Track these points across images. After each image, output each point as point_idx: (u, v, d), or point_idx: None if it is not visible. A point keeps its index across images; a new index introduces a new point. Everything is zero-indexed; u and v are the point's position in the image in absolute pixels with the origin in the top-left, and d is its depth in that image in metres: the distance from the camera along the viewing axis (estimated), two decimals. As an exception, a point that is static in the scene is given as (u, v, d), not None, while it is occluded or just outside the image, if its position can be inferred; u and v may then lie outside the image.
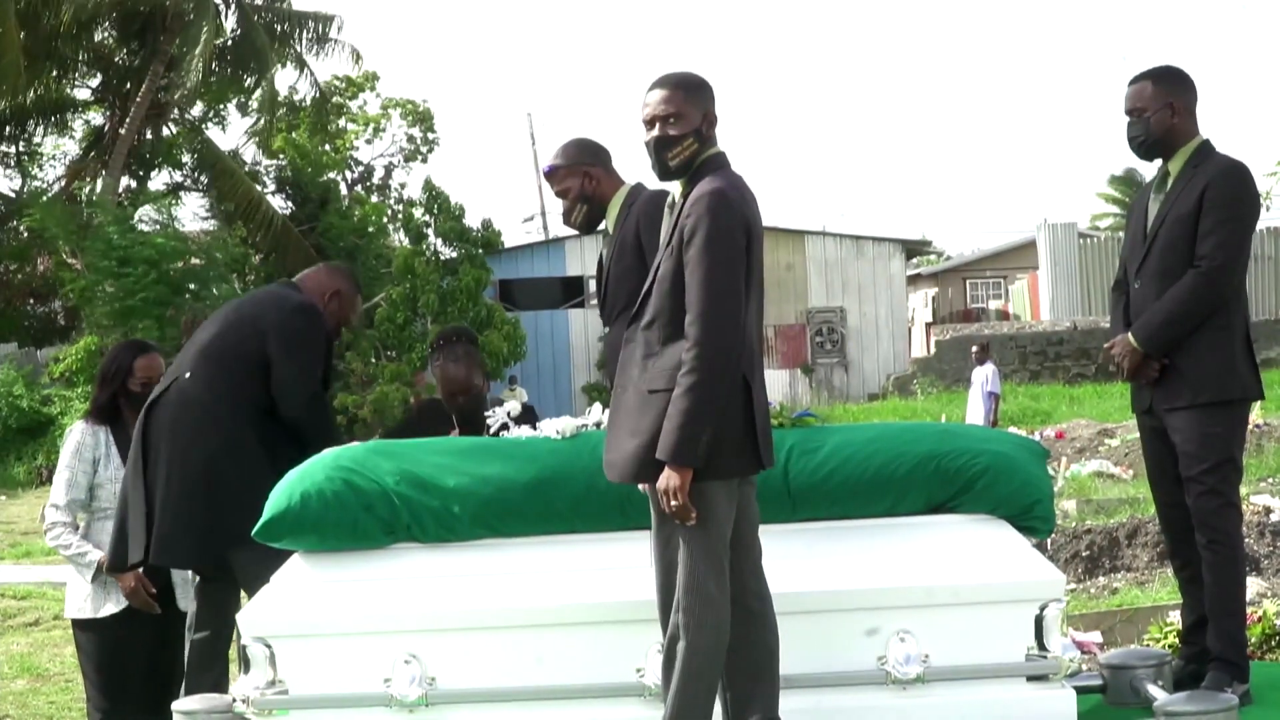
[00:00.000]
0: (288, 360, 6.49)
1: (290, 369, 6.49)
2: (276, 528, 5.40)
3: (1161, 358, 6.40)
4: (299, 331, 6.59)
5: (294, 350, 6.53)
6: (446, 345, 7.20)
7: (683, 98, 5.06)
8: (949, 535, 5.44)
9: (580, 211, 6.37)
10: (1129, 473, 18.05)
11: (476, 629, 5.21)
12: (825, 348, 41.58)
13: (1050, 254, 42.81)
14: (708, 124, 5.09)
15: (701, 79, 5.18)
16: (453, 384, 7.08)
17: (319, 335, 6.69)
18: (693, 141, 5.05)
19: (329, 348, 6.83)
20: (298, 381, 6.50)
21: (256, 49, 36.00)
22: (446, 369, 7.10)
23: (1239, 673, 6.25)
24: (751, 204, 5.01)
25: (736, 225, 4.87)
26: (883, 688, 5.14)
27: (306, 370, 6.57)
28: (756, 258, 4.97)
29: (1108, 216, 65.19)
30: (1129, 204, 7.15)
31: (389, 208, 43.27)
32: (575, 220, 6.42)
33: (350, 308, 7.07)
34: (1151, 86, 6.51)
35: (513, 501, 5.42)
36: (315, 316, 6.72)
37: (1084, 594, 11.37)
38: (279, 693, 5.17)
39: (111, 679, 6.95)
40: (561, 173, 6.33)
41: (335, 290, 6.95)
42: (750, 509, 5.05)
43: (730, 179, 5.00)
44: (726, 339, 4.80)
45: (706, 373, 4.74)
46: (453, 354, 7.11)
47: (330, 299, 6.91)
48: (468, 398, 7.04)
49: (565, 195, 6.35)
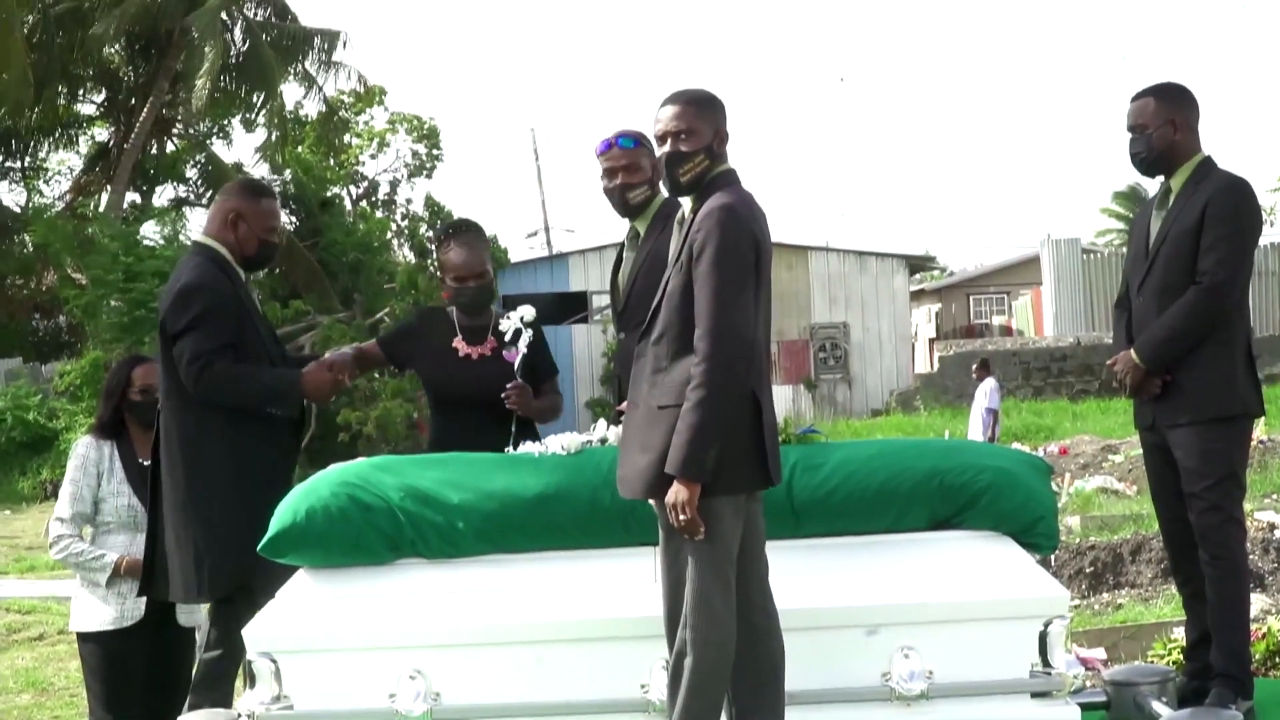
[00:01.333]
0: (176, 351, 6.25)
1: (178, 357, 6.23)
2: (281, 543, 5.40)
3: (1164, 374, 6.42)
4: (174, 320, 6.26)
5: (178, 344, 6.24)
6: (456, 233, 6.95)
7: (694, 114, 5.08)
8: (953, 551, 5.44)
9: (643, 194, 6.31)
10: (1132, 489, 18.05)
11: (481, 644, 5.19)
12: (828, 363, 41.58)
13: (1054, 270, 42.82)
14: (719, 141, 5.11)
15: (713, 96, 5.20)
16: (462, 269, 6.82)
17: (201, 315, 6.21)
18: (703, 158, 5.07)
19: (234, 302, 6.37)
20: (183, 363, 6.19)
21: (263, 66, 36.05)
22: (457, 254, 6.84)
23: (1243, 689, 6.26)
24: (760, 220, 5.02)
25: (745, 241, 4.88)
26: (887, 704, 5.12)
27: (193, 346, 6.18)
28: (765, 274, 4.99)
29: (1111, 232, 65.19)
30: (1132, 220, 7.14)
31: (394, 223, 43.28)
32: (635, 199, 6.31)
33: (259, 221, 6.53)
34: (1154, 103, 6.53)
35: (517, 517, 5.42)
36: (193, 295, 6.23)
37: (1088, 610, 11.37)
38: (284, 708, 5.15)
39: (112, 691, 6.96)
40: (641, 151, 6.25)
41: (233, 212, 6.50)
42: (757, 524, 5.05)
43: (740, 195, 5.01)
44: (735, 354, 4.80)
45: (715, 388, 4.75)
46: (463, 240, 6.87)
47: (232, 226, 6.48)
48: (480, 282, 6.85)
49: (631, 172, 6.27)
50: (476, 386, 6.67)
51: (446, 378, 6.81)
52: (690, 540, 4.79)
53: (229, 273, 6.44)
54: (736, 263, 4.86)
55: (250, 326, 6.43)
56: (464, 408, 6.71)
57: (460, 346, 6.83)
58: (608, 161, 6.30)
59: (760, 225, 5.01)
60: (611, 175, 6.31)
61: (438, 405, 6.93)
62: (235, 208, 6.50)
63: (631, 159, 6.27)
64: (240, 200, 6.55)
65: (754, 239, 4.92)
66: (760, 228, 5.00)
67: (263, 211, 6.57)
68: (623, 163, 6.27)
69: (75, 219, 36.22)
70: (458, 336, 6.86)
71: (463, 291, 6.85)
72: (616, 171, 6.29)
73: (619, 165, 6.28)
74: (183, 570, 6.22)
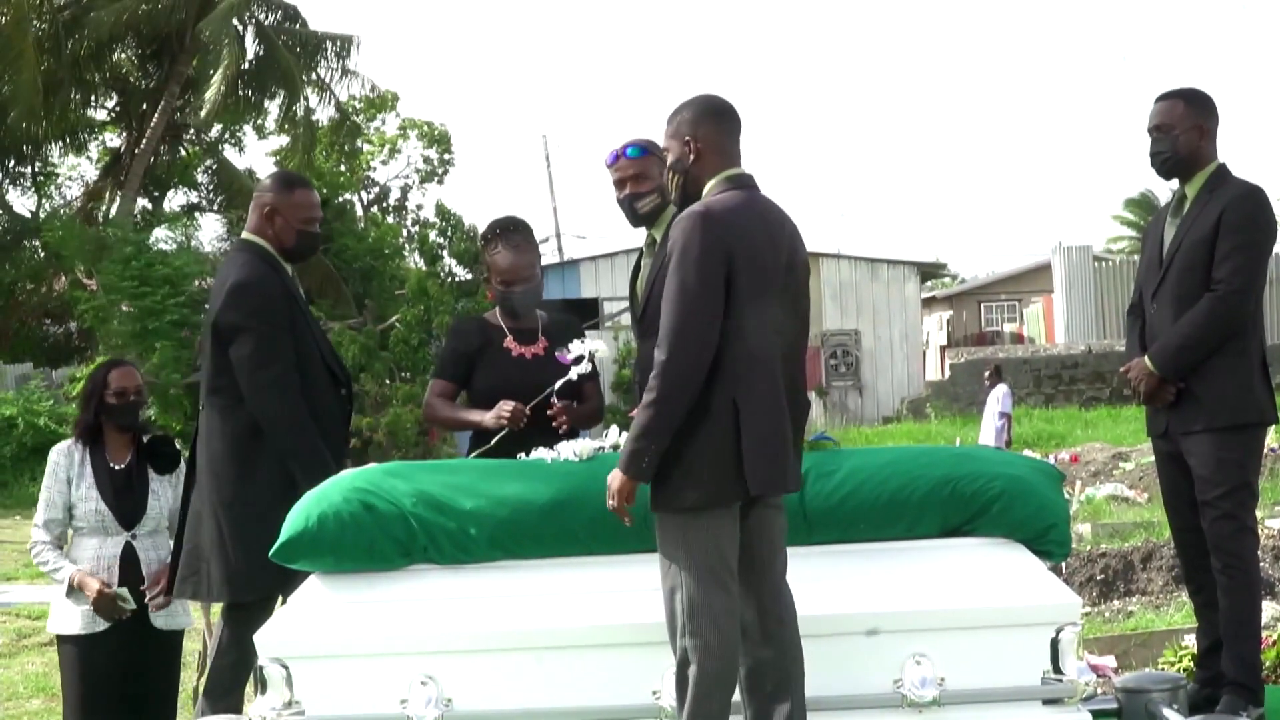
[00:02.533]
0: (235, 351, 6.27)
1: (237, 358, 6.26)
2: (293, 549, 5.40)
3: (1178, 382, 6.42)
4: (227, 318, 6.28)
5: (235, 342, 6.26)
6: (504, 233, 6.80)
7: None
8: (965, 558, 5.43)
9: (652, 203, 6.28)
10: (1144, 496, 18.02)
11: (493, 650, 5.20)
12: (839, 370, 41.54)
13: (1065, 277, 42.75)
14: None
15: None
16: (510, 273, 6.71)
17: (255, 312, 6.27)
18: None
19: (285, 298, 6.40)
20: (243, 371, 6.24)
21: (279, 71, 36.08)
22: (505, 256, 6.72)
23: (1254, 697, 6.27)
24: (747, 226, 5.01)
25: (711, 246, 4.89)
26: (899, 710, 5.12)
27: (251, 357, 6.23)
28: (753, 276, 4.97)
29: (1123, 239, 65.07)
30: (1144, 227, 7.16)
31: (405, 229, 43.31)
32: (644, 209, 6.30)
33: (294, 212, 6.51)
34: (1184, 106, 6.55)
35: (529, 523, 5.41)
36: (245, 292, 6.28)
37: (1099, 617, 11.36)
38: (296, 714, 5.15)
39: (82, 697, 6.93)
40: (650, 160, 6.22)
41: (268, 206, 6.50)
42: (769, 531, 5.06)
43: (727, 201, 5.06)
44: (687, 361, 4.84)
45: (663, 393, 4.81)
46: (512, 241, 6.74)
47: (269, 219, 6.49)
48: (528, 286, 6.75)
49: (640, 182, 6.26)
50: (532, 388, 6.58)
51: (504, 381, 6.66)
52: (679, 549, 4.86)
53: (275, 267, 6.46)
54: (696, 268, 4.88)
55: (301, 321, 6.45)
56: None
57: (513, 347, 6.76)
58: (616, 172, 6.32)
59: (742, 227, 4.99)
60: (620, 186, 6.32)
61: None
62: (269, 201, 6.50)
63: (639, 168, 6.27)
64: (274, 193, 6.54)
65: (724, 244, 4.91)
66: (742, 229, 4.99)
67: (297, 203, 6.54)
68: (631, 173, 6.27)
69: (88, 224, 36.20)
70: (508, 338, 6.79)
71: (510, 295, 6.77)
72: (625, 182, 6.30)
73: (627, 175, 6.29)
74: (224, 568, 6.21)
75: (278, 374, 6.23)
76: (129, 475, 6.94)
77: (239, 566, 6.16)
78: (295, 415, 6.24)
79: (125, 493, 6.92)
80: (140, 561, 6.87)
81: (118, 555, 6.86)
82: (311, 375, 6.41)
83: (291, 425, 6.23)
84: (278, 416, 6.23)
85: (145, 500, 6.93)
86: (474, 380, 6.80)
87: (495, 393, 6.63)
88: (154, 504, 6.93)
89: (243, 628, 5.96)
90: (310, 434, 6.25)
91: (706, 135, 5.19)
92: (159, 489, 6.97)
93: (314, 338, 6.53)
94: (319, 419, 6.34)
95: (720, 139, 5.21)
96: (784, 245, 5.11)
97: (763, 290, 4.99)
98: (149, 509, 6.90)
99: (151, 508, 6.92)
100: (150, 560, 6.87)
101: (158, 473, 6.96)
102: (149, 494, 6.93)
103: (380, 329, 32.25)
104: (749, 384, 4.93)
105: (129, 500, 6.91)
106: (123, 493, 6.92)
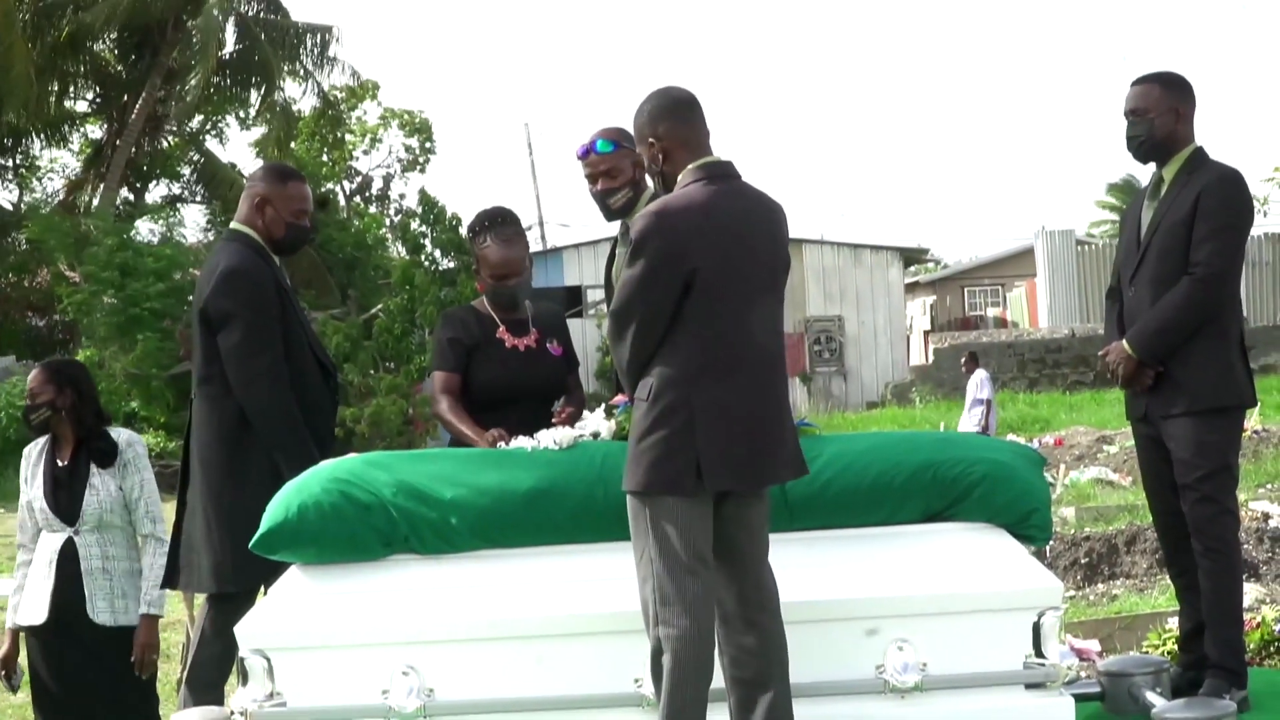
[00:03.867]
0: (224, 339, 6.26)
1: (226, 347, 6.25)
2: (274, 540, 5.38)
3: (1156, 365, 6.42)
4: (217, 306, 6.27)
5: (225, 330, 6.26)
6: (493, 225, 6.62)
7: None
8: (947, 544, 5.44)
9: (625, 198, 6.26)
10: (1128, 479, 18.07)
11: (474, 640, 5.20)
12: (823, 356, 41.55)
13: (1048, 261, 42.80)
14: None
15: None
16: (501, 267, 6.57)
17: (246, 300, 6.27)
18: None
19: (275, 287, 6.39)
20: (232, 360, 6.24)
21: (260, 62, 36.04)
22: (496, 250, 6.56)
23: (1237, 679, 6.27)
24: (704, 217, 5.01)
25: (653, 239, 4.94)
26: (881, 696, 5.13)
27: (240, 346, 6.23)
28: (714, 272, 4.96)
29: (1106, 223, 65.07)
30: (1124, 211, 7.17)
31: (388, 218, 43.25)
32: (616, 204, 6.28)
33: (285, 205, 6.50)
34: (1159, 90, 6.55)
35: (511, 513, 5.40)
36: (236, 280, 6.28)
37: (1083, 601, 11.38)
38: (277, 705, 5.14)
39: (38, 689, 6.98)
40: (621, 154, 6.22)
41: (259, 197, 6.49)
42: (749, 519, 5.06)
43: (686, 194, 5.07)
44: (620, 356, 5.03)
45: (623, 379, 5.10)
46: (502, 234, 6.59)
47: (259, 210, 6.48)
48: (519, 280, 6.63)
49: (612, 177, 6.25)
50: (530, 380, 6.59)
51: (502, 374, 6.61)
52: (647, 538, 4.90)
53: (265, 257, 6.46)
54: (636, 267, 4.96)
55: (291, 311, 6.45)
56: (514, 402, 6.50)
57: (507, 339, 6.67)
58: (588, 167, 6.31)
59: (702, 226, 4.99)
60: (592, 180, 6.31)
61: (486, 404, 6.58)
62: (261, 192, 6.50)
63: (610, 164, 6.25)
64: (266, 184, 6.54)
65: (677, 242, 4.94)
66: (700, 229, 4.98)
67: (289, 195, 6.55)
68: (602, 168, 6.26)
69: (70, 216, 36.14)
70: (500, 329, 6.70)
71: (502, 289, 6.67)
72: (597, 177, 6.29)
73: (598, 171, 6.28)
74: (212, 558, 6.22)
75: (267, 364, 6.23)
76: (70, 472, 6.90)
77: (227, 557, 6.16)
78: (284, 406, 6.24)
79: (64, 489, 6.88)
80: (80, 558, 6.82)
81: (58, 551, 6.83)
82: (300, 366, 6.41)
83: (280, 416, 6.23)
84: (266, 407, 6.23)
85: (83, 496, 6.87)
86: (471, 373, 6.68)
87: (493, 386, 6.60)
88: (90, 499, 6.82)
89: (226, 619, 5.91)
90: (298, 426, 6.25)
91: (668, 131, 5.18)
92: (98, 484, 6.85)
93: (302, 328, 6.53)
94: (307, 410, 6.34)
95: (682, 131, 5.19)
96: (756, 237, 5.10)
97: (727, 285, 4.99)
98: (85, 505, 6.81)
99: (88, 503, 6.81)
100: (90, 558, 6.80)
101: (100, 467, 6.91)
102: (87, 490, 6.86)
103: (363, 319, 32.21)
104: (707, 382, 4.94)
105: (65, 497, 6.86)
106: (61, 489, 6.88)
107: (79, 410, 6.91)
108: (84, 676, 6.82)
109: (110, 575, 6.79)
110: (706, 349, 4.94)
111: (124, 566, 6.84)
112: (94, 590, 6.78)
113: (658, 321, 4.93)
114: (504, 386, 6.59)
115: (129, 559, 6.88)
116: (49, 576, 6.80)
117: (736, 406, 4.97)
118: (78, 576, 6.78)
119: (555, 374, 6.69)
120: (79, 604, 6.78)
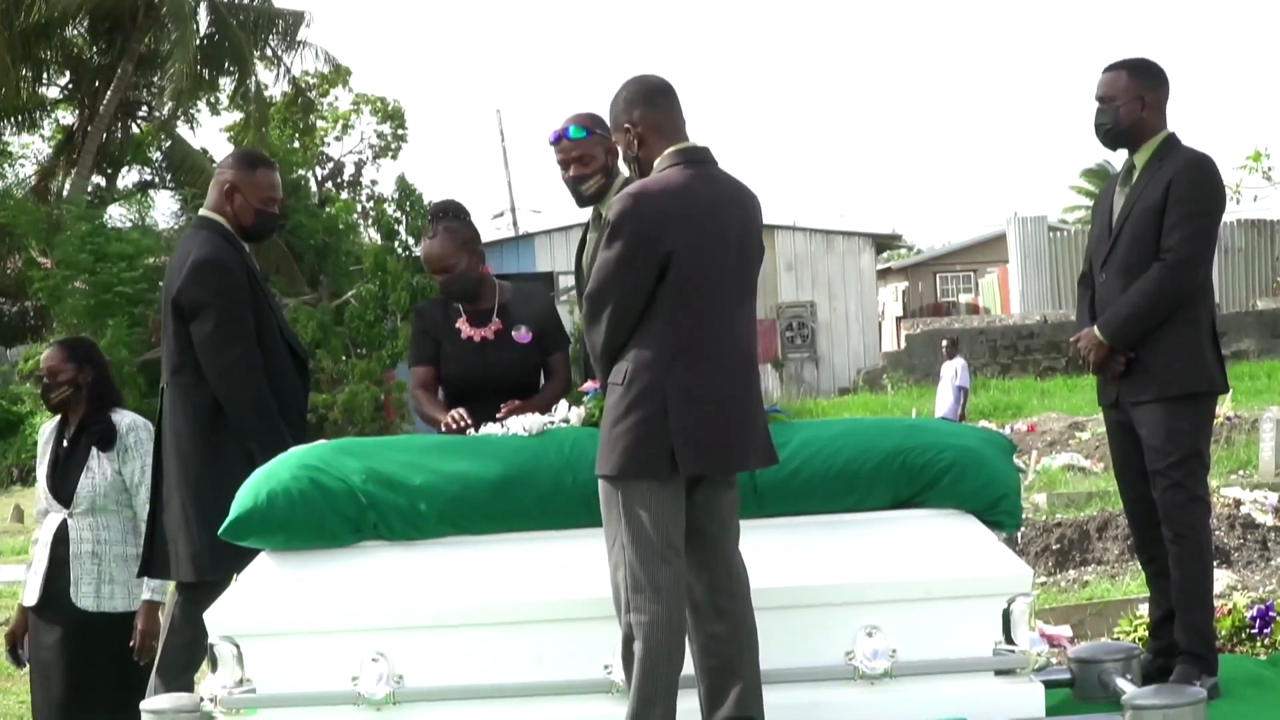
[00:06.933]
0: (196, 329, 6.24)
1: (199, 337, 6.24)
2: (243, 526, 5.37)
3: (1127, 351, 6.43)
4: (190, 295, 6.24)
5: (197, 319, 6.24)
6: (433, 219, 6.70)
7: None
8: (916, 530, 5.45)
9: (597, 184, 6.30)
10: (1099, 465, 18.09)
11: (444, 627, 5.20)
12: (795, 342, 41.55)
13: (1020, 247, 42.82)
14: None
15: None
16: (432, 262, 6.61)
17: (218, 289, 6.24)
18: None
19: (246, 275, 6.37)
20: (205, 350, 6.22)
21: (232, 48, 35.91)
22: (427, 245, 6.64)
23: (1207, 666, 6.29)
24: (679, 202, 5.01)
25: (628, 224, 4.96)
26: (850, 683, 5.14)
27: (213, 336, 6.21)
28: (688, 257, 4.97)
29: (1079, 209, 65.15)
30: (1096, 197, 7.19)
31: (359, 204, 43.13)
32: (588, 191, 6.32)
33: (254, 192, 6.48)
34: (1126, 77, 6.54)
35: (479, 499, 5.40)
36: (208, 269, 6.25)
37: (1054, 587, 11.39)
38: (247, 691, 5.15)
39: (34, 670, 6.98)
40: (593, 140, 6.24)
41: (228, 184, 6.46)
42: (718, 506, 5.07)
43: (663, 178, 5.07)
44: (595, 340, 5.05)
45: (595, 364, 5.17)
46: (436, 229, 6.62)
47: (228, 197, 6.45)
48: (448, 277, 6.58)
49: (584, 163, 6.28)
50: (488, 371, 6.56)
51: (453, 364, 6.63)
52: (619, 525, 4.91)
53: (235, 245, 6.44)
54: (617, 246, 4.97)
55: (262, 298, 6.43)
56: (479, 391, 6.46)
57: (464, 329, 6.67)
58: (560, 153, 6.34)
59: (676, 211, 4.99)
60: (565, 166, 6.34)
61: (453, 396, 6.63)
62: (230, 179, 6.47)
63: (582, 150, 6.27)
64: (235, 171, 6.51)
65: (653, 225, 4.95)
66: (675, 214, 4.99)
67: (258, 182, 6.52)
68: (574, 154, 6.28)
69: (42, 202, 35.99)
70: (461, 318, 6.70)
71: (444, 285, 6.67)
72: (569, 163, 6.33)
73: (571, 157, 6.31)
74: (190, 547, 6.20)
75: (240, 353, 6.21)
76: (70, 454, 6.88)
77: (203, 546, 6.13)
78: (258, 396, 6.23)
79: (62, 471, 6.88)
80: (69, 540, 6.80)
81: (53, 533, 6.82)
82: (272, 352, 6.39)
83: (254, 406, 6.22)
84: (241, 397, 6.21)
85: (78, 479, 6.85)
86: (440, 365, 6.72)
87: (450, 378, 6.65)
88: (85, 482, 6.80)
89: (196, 606, 5.89)
90: (271, 415, 6.24)
91: (643, 118, 5.19)
92: (95, 467, 6.83)
93: (274, 314, 6.52)
94: (280, 397, 6.33)
95: (657, 117, 5.20)
96: (730, 224, 5.10)
97: (701, 270, 4.99)
98: (79, 488, 6.79)
99: (82, 486, 6.79)
100: (80, 540, 6.77)
101: (100, 450, 6.88)
102: (83, 472, 6.84)
103: (335, 304, 32.14)
104: (680, 368, 4.95)
105: (62, 478, 6.86)
106: (60, 471, 6.88)
107: (99, 386, 6.92)
108: (59, 659, 6.79)
109: (100, 560, 6.75)
110: (681, 334, 4.94)
111: (117, 551, 6.80)
112: (80, 574, 6.75)
113: (634, 304, 4.94)
114: (457, 378, 6.62)
115: (124, 544, 6.82)
116: (44, 558, 6.81)
117: (710, 392, 4.97)
118: (68, 559, 6.77)
119: (519, 362, 6.65)
120: (66, 586, 6.77)
